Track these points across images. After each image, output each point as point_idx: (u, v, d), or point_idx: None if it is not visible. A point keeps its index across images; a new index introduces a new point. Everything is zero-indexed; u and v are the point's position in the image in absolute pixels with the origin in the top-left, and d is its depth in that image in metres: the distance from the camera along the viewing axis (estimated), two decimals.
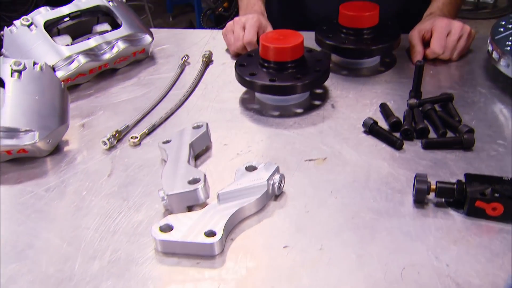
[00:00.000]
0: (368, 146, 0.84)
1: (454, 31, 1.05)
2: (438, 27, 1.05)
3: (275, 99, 0.97)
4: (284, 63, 0.93)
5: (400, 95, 0.98)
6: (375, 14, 1.05)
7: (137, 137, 0.88)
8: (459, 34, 1.05)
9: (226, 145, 0.87)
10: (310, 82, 0.92)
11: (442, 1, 1.14)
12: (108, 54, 1.07)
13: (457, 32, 1.05)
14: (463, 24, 1.06)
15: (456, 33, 1.05)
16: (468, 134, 0.81)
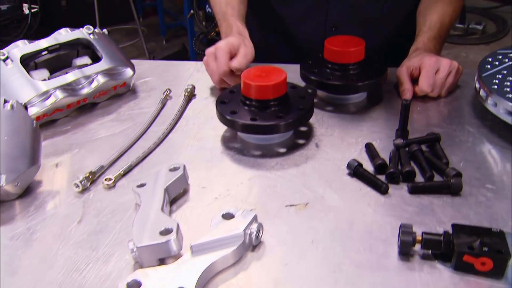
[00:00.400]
0: (352, 190, 0.81)
1: (443, 68, 1.03)
2: (426, 64, 1.03)
3: (257, 138, 0.94)
4: (266, 101, 0.90)
5: (387, 133, 0.95)
6: (361, 49, 1.02)
7: (112, 179, 0.84)
8: (447, 71, 1.03)
9: (204, 188, 0.83)
10: (293, 121, 0.89)
11: (427, 36, 1.13)
12: (86, 89, 1.04)
13: (446, 70, 1.03)
14: (451, 61, 1.04)
15: (445, 71, 1.03)
16: (455, 179, 0.78)
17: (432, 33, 1.13)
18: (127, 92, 1.14)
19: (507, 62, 1.00)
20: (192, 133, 0.98)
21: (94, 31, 1.13)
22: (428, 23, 1.14)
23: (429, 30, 1.13)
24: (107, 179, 0.84)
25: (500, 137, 0.92)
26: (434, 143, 0.89)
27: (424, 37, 1.12)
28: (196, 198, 0.81)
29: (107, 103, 1.11)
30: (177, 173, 0.80)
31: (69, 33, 1.10)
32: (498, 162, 0.86)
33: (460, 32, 3.93)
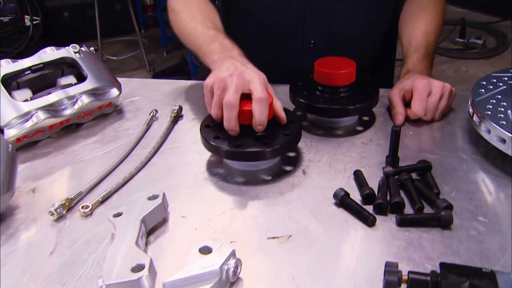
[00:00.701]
0: (338, 221, 0.78)
1: (435, 91, 1.00)
2: (418, 87, 1.00)
3: (242, 164, 0.90)
4: (251, 126, 0.87)
5: (377, 159, 0.91)
6: (352, 71, 1.00)
7: (89, 207, 0.81)
8: (440, 94, 1.00)
9: (184, 217, 0.80)
10: (279, 147, 0.86)
11: (416, 56, 1.10)
12: (69, 110, 1.01)
13: (438, 92, 1.00)
14: (443, 83, 1.01)
15: (437, 93, 1.00)
16: (445, 212, 0.75)
17: (421, 53, 1.10)
18: (113, 112, 1.12)
19: (502, 86, 0.96)
20: (176, 157, 0.95)
21: (80, 50, 1.10)
22: (414, 43, 1.11)
23: (417, 51, 1.10)
24: (84, 206, 0.81)
25: (494, 165, 0.88)
26: (425, 171, 0.85)
27: (413, 58, 1.09)
28: (175, 229, 0.78)
29: (92, 123, 1.08)
30: (155, 202, 0.77)
31: (54, 52, 1.08)
32: (491, 192, 0.83)
33: (460, 47, 3.91)
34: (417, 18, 1.16)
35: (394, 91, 1.04)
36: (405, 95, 1.03)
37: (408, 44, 1.13)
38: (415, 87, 1.00)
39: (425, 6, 1.17)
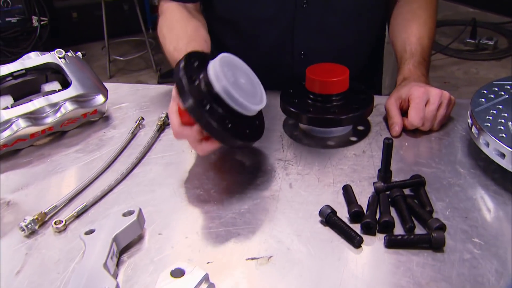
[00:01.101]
0: (323, 241, 0.73)
1: (433, 100, 0.94)
2: (415, 96, 0.94)
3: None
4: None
5: (369, 173, 0.86)
6: (345, 79, 0.95)
7: (62, 222, 0.77)
8: (438, 102, 0.95)
9: (161, 234, 0.76)
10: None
11: (412, 63, 1.05)
12: (51, 118, 0.98)
13: (436, 101, 0.94)
14: (442, 91, 0.96)
15: (435, 102, 0.94)
16: (437, 233, 0.69)
17: (416, 59, 1.05)
18: (99, 119, 1.08)
19: (503, 95, 0.91)
20: (159, 168, 0.91)
21: (66, 55, 1.07)
22: (408, 49, 1.06)
23: (412, 57, 1.05)
24: (57, 222, 0.77)
25: (493, 181, 0.83)
26: (419, 187, 0.80)
27: (409, 65, 1.04)
28: (151, 247, 0.74)
29: (76, 131, 1.04)
30: (129, 219, 0.73)
31: (38, 57, 1.04)
32: (489, 210, 0.77)
33: (471, 47, 3.81)
34: (409, 23, 1.10)
35: (390, 100, 0.99)
36: (402, 104, 0.98)
37: (402, 51, 1.08)
38: (412, 96, 0.95)
39: (416, 10, 1.11)
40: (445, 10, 4.57)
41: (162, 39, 1.10)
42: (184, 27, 1.08)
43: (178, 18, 1.10)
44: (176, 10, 1.12)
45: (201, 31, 1.08)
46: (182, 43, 1.03)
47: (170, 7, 1.13)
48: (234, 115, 0.78)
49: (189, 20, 1.10)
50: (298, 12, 1.10)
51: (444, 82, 3.41)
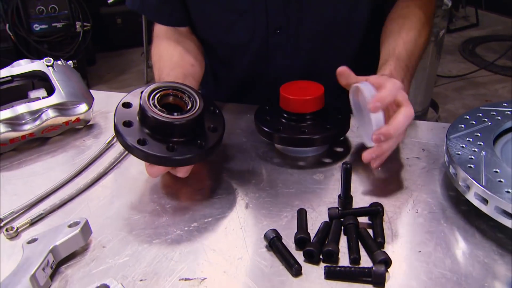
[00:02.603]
0: (262, 267, 0.70)
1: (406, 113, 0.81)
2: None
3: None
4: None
5: (331, 197, 0.83)
6: (319, 97, 0.91)
7: (14, 228, 0.79)
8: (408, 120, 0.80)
9: (105, 247, 0.75)
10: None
11: (394, 66, 0.92)
12: (30, 124, 1.00)
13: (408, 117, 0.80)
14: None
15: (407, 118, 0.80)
16: (378, 267, 0.65)
17: (402, 64, 0.93)
18: (83, 127, 1.10)
19: (486, 122, 0.85)
20: (124, 180, 0.91)
21: (54, 63, 1.09)
22: (397, 53, 0.96)
23: (398, 60, 0.94)
24: (9, 228, 0.79)
25: (460, 214, 0.77)
26: (375, 216, 0.76)
27: (391, 66, 0.92)
28: (92, 259, 0.73)
29: (59, 138, 1.06)
30: (72, 230, 0.73)
31: (26, 64, 1.08)
32: (445, 246, 0.72)
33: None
34: (399, 29, 1.02)
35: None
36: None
37: (387, 54, 0.97)
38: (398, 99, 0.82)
39: (404, 24, 1.03)
40: (494, 24, 4.39)
41: (153, 67, 1.11)
42: (170, 54, 1.08)
43: (166, 45, 1.10)
44: (165, 37, 1.12)
45: (187, 56, 1.07)
46: (165, 72, 1.03)
47: (161, 34, 1.14)
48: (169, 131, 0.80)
49: (175, 46, 1.09)
50: (271, 38, 1.07)
51: (485, 100, 3.26)
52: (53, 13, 3.82)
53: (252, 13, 1.05)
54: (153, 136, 0.79)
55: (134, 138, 0.78)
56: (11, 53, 3.80)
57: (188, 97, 0.84)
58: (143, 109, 0.79)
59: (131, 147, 0.78)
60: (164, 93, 0.83)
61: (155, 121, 0.78)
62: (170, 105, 0.83)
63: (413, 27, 1.01)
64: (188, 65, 1.05)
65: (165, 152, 0.78)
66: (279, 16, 1.04)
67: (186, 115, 0.80)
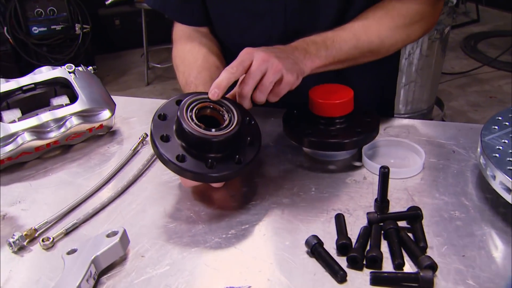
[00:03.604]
0: (306, 273, 0.70)
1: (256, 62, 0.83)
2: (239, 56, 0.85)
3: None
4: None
5: (366, 201, 0.83)
6: (349, 101, 0.91)
7: (50, 239, 0.78)
8: (260, 66, 0.83)
9: (144, 257, 0.75)
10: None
11: (313, 38, 0.93)
12: (56, 132, 0.99)
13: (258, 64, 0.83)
14: (269, 57, 0.83)
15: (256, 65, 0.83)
16: (426, 272, 0.65)
17: (319, 38, 0.92)
18: (106, 133, 1.09)
19: None
20: (154, 187, 0.91)
21: (76, 70, 1.08)
22: (326, 34, 0.94)
23: (318, 36, 0.93)
24: (45, 239, 0.78)
25: (499, 216, 0.77)
26: (415, 220, 0.76)
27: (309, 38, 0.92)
28: (131, 270, 0.73)
29: (82, 145, 1.06)
30: (112, 240, 0.73)
31: (48, 71, 1.07)
32: (489, 249, 0.72)
33: None
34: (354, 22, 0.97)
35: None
36: None
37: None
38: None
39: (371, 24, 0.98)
40: (494, 20, 4.40)
41: (176, 70, 1.09)
42: (194, 57, 1.06)
43: (189, 48, 1.09)
44: (187, 39, 1.11)
45: (211, 58, 1.06)
46: (192, 76, 1.02)
47: (183, 35, 1.12)
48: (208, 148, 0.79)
49: (200, 49, 1.08)
50: (287, 41, 1.05)
51: (489, 97, 3.27)
52: (51, 15, 3.79)
53: (270, 16, 1.04)
54: (190, 151, 0.78)
55: (173, 154, 0.77)
56: (10, 57, 3.77)
57: (226, 111, 0.83)
58: (180, 123, 0.78)
59: (170, 164, 0.77)
60: (202, 105, 0.82)
61: (193, 137, 0.77)
62: (206, 117, 0.82)
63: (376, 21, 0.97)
64: (214, 68, 1.04)
65: (204, 169, 0.77)
66: (296, 19, 1.04)
67: (225, 132, 0.79)
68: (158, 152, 0.78)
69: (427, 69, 2.69)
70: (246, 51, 0.85)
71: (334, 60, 0.93)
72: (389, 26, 0.97)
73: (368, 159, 0.91)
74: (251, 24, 1.06)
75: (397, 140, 0.95)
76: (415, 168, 0.88)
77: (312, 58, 0.90)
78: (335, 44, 0.93)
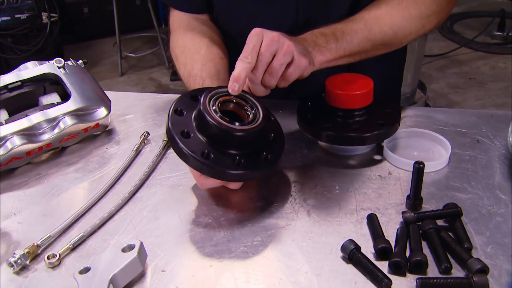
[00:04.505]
0: (346, 282, 0.64)
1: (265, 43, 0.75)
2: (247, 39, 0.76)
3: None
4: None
5: (396, 199, 0.78)
6: (369, 92, 0.85)
7: (56, 256, 0.70)
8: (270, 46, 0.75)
9: (164, 272, 0.68)
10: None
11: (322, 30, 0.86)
12: (49, 134, 0.91)
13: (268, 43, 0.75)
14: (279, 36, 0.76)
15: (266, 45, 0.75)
16: (479, 278, 0.60)
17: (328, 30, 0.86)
18: (102, 133, 1.01)
19: None
20: (165, 191, 0.83)
21: (65, 64, 0.99)
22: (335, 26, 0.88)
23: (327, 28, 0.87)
24: (50, 256, 0.70)
25: None
26: (454, 218, 0.71)
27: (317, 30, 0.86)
28: (154, 286, 0.66)
29: (77, 147, 0.97)
30: (129, 255, 0.65)
31: (36, 67, 0.97)
32: None
33: (498, 40, 3.65)
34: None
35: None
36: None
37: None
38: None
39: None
40: (470, 1, 4.41)
41: (175, 60, 1.02)
42: (197, 47, 0.99)
43: (190, 37, 1.01)
44: (187, 28, 1.03)
45: (214, 49, 0.99)
46: (196, 68, 0.94)
47: (182, 24, 1.04)
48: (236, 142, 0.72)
49: (201, 38, 1.00)
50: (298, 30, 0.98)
51: (469, 78, 3.28)
52: (15, 3, 3.59)
53: (280, 2, 0.97)
54: (215, 147, 0.71)
55: (197, 151, 0.70)
56: None
57: (250, 106, 0.76)
58: (204, 116, 0.71)
59: (195, 162, 0.70)
60: (224, 99, 0.75)
61: (219, 131, 0.70)
62: (227, 112, 0.75)
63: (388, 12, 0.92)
64: (218, 59, 0.97)
65: (232, 167, 0.70)
66: (309, 7, 0.97)
67: (252, 126, 0.72)
68: (180, 149, 0.70)
69: (411, 52, 2.66)
70: (255, 32, 0.77)
71: (344, 53, 0.87)
72: (403, 16, 0.92)
73: (391, 152, 0.86)
74: (259, 11, 0.98)
75: (419, 131, 0.90)
76: (443, 161, 0.84)
77: (322, 51, 0.84)
78: (345, 36, 0.87)
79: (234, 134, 0.70)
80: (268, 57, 0.76)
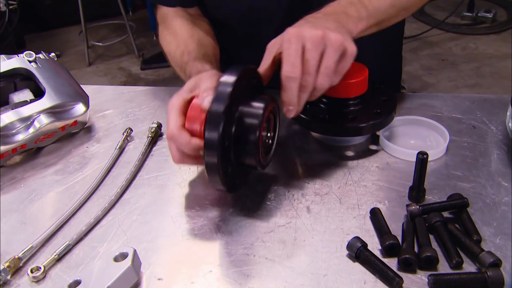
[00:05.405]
0: (355, 283, 0.61)
1: (309, 45, 0.68)
2: (284, 40, 0.70)
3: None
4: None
5: (398, 190, 0.75)
6: (363, 80, 0.82)
7: (41, 269, 0.64)
8: (316, 48, 0.68)
9: (161, 280, 0.63)
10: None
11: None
12: (23, 134, 0.84)
13: (312, 47, 0.68)
14: (324, 33, 0.68)
15: (311, 48, 0.68)
16: (493, 272, 0.58)
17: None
18: (80, 131, 0.94)
19: None
20: (154, 191, 0.78)
21: (37, 58, 0.92)
22: None
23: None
24: (34, 269, 0.64)
25: None
26: (460, 209, 0.69)
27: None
28: None
29: (54, 147, 0.91)
30: (123, 265, 0.61)
31: (4, 61, 0.90)
32: None
33: (468, 21, 3.68)
34: None
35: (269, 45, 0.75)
36: (277, 55, 0.73)
37: None
38: (282, 40, 0.71)
39: None
40: None
41: (167, 46, 0.95)
42: (189, 32, 0.93)
43: (181, 24, 0.96)
44: (178, 17, 0.98)
45: (207, 38, 0.94)
46: (191, 46, 0.89)
47: (170, 14, 0.99)
48: None
49: (193, 26, 0.96)
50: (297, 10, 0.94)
51: (441, 60, 3.30)
52: None
53: None
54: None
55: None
56: None
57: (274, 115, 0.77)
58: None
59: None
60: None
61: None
62: None
63: None
64: (210, 47, 0.92)
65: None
66: None
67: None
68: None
69: None
70: (288, 38, 0.68)
71: (375, 21, 0.79)
72: None
73: (388, 141, 0.83)
74: None
75: (416, 118, 0.88)
76: (442, 149, 0.81)
77: (355, 22, 0.76)
78: (372, 3, 0.79)
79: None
80: (317, 59, 0.68)
